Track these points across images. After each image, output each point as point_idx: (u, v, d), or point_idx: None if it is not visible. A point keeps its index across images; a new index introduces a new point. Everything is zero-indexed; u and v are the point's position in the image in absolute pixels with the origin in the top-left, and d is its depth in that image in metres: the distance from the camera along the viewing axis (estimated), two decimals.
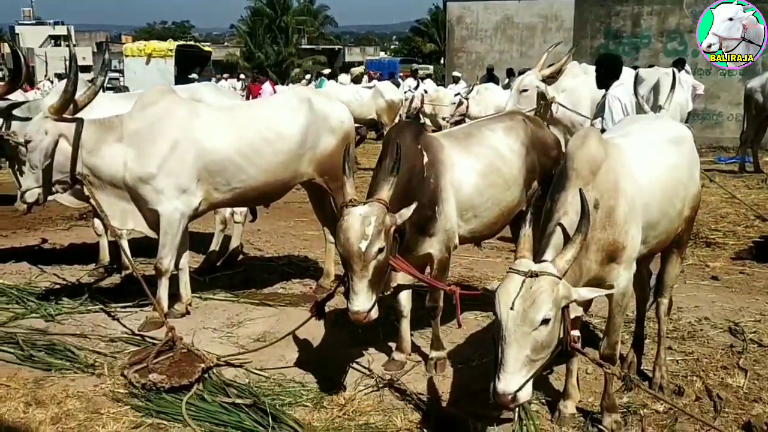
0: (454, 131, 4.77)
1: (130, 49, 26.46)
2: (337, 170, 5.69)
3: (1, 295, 5.90)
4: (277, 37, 53.14)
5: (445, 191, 4.29)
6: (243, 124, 5.34)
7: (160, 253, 5.24)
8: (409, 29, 69.36)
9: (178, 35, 70.21)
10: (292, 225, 8.68)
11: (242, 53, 54.72)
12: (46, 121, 4.93)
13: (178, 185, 5.07)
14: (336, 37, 67.06)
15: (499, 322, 3.02)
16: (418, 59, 52.18)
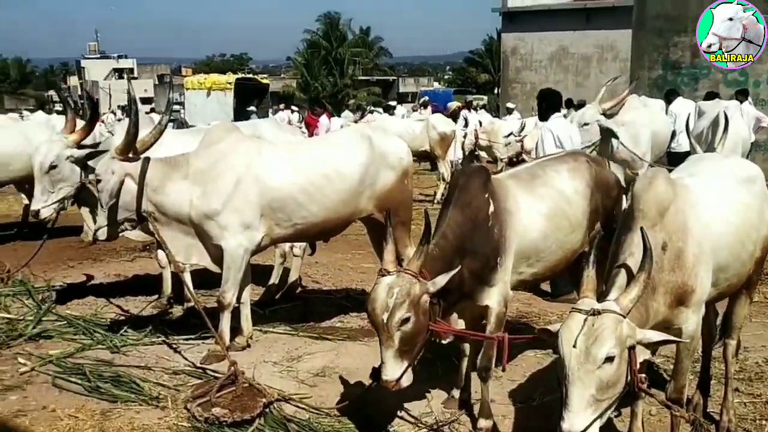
0: (520, 172, 4.68)
1: (191, 82, 27.13)
2: (396, 205, 5.76)
3: (69, 326, 6.05)
4: (332, 69, 53.86)
5: (509, 241, 4.21)
6: (305, 162, 5.42)
7: (223, 287, 5.32)
8: (462, 60, 69.57)
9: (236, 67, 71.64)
10: (349, 258, 8.73)
11: (298, 85, 55.56)
12: (113, 161, 5.09)
13: (241, 221, 5.16)
14: (390, 67, 67.63)
15: (562, 361, 2.99)
16: (472, 89, 52.26)
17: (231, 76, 27.54)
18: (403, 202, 5.85)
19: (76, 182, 5.59)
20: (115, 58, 68.25)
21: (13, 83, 72.07)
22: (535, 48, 27.76)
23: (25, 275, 7.49)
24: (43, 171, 5.40)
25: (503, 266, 4.19)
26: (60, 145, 5.42)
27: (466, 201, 4.04)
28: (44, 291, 7.04)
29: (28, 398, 4.76)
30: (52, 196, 5.45)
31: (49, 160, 5.39)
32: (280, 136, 6.44)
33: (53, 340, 5.82)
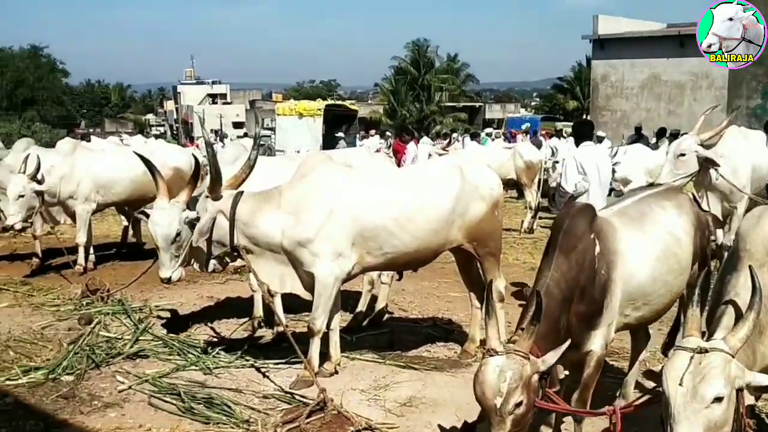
0: (627, 208, 4.48)
1: (282, 108, 27.65)
2: (485, 236, 5.74)
3: (164, 346, 6.24)
4: (419, 95, 54.19)
5: (615, 284, 4.04)
6: (397, 191, 5.47)
7: (313, 314, 5.40)
8: (550, 86, 68.90)
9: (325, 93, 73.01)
10: (436, 286, 8.70)
11: (385, 111, 56.09)
12: (206, 200, 5.27)
13: (333, 249, 5.23)
14: (477, 94, 67.51)
15: (667, 400, 2.89)
16: (560, 116, 51.63)
17: (321, 102, 27.96)
18: (492, 233, 5.82)
19: (190, 235, 5.72)
20: (210, 84, 70.55)
21: (114, 107, 75.36)
22: (626, 75, 27.27)
23: (123, 295, 7.76)
24: (169, 242, 5.53)
25: (609, 308, 4.04)
26: (176, 212, 5.52)
27: (571, 245, 3.90)
28: (141, 311, 7.28)
29: (126, 416, 4.92)
30: (177, 260, 5.60)
31: (174, 231, 5.46)
32: (372, 164, 6.52)
33: (149, 359, 6.01)
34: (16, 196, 8.22)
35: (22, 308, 7.51)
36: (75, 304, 7.52)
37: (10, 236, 11.59)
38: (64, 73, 68.05)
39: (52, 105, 62.65)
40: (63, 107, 64.88)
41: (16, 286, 8.40)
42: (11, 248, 10.80)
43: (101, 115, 71.72)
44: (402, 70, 55.32)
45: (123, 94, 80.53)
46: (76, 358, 5.86)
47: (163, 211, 5.48)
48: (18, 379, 5.48)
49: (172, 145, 12.81)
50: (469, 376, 5.65)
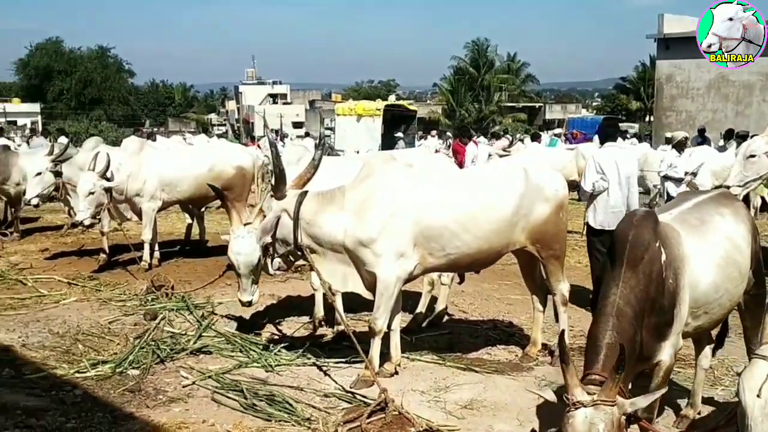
0: (685, 214, 4.37)
1: (342, 109, 27.88)
2: (550, 238, 5.66)
3: (227, 343, 6.32)
4: (478, 95, 53.93)
5: (683, 291, 3.93)
6: (459, 192, 5.44)
7: (374, 314, 5.40)
8: (613, 86, 67.76)
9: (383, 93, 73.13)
10: (496, 288, 8.63)
11: (444, 111, 56.01)
12: (271, 199, 5.32)
13: (395, 250, 5.22)
14: (537, 94, 66.84)
15: (744, 411, 2.81)
16: (622, 117, 50.71)
17: (380, 103, 28.06)
18: (557, 234, 5.74)
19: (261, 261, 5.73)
20: (270, 84, 71.31)
21: (177, 107, 76.79)
22: (692, 75, 26.55)
23: (186, 292, 7.89)
24: (251, 269, 5.52)
25: (679, 317, 3.92)
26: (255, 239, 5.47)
27: (638, 256, 3.75)
28: (204, 308, 7.39)
29: (190, 411, 5.00)
30: (255, 285, 5.66)
31: (256, 258, 5.46)
32: (435, 165, 6.50)
33: (212, 355, 6.10)
34: (86, 192, 8.43)
35: (90, 303, 7.70)
36: (140, 299, 7.68)
37: (78, 232, 11.92)
38: (130, 73, 69.83)
39: (118, 104, 64.33)
40: (128, 107, 66.52)
41: (85, 281, 8.62)
42: (79, 244, 11.08)
43: (165, 114, 73.18)
44: (461, 70, 55.17)
45: (186, 94, 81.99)
46: (142, 353, 5.98)
47: (243, 239, 5.46)
48: (87, 371, 5.61)
49: (235, 145, 12.99)
50: (531, 379, 5.62)
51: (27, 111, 55.35)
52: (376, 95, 66.91)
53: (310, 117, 61.29)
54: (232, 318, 7.16)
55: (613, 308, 3.62)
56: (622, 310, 3.63)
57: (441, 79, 59.34)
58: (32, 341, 6.37)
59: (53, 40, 64.75)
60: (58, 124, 42.27)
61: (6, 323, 6.86)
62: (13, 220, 11.72)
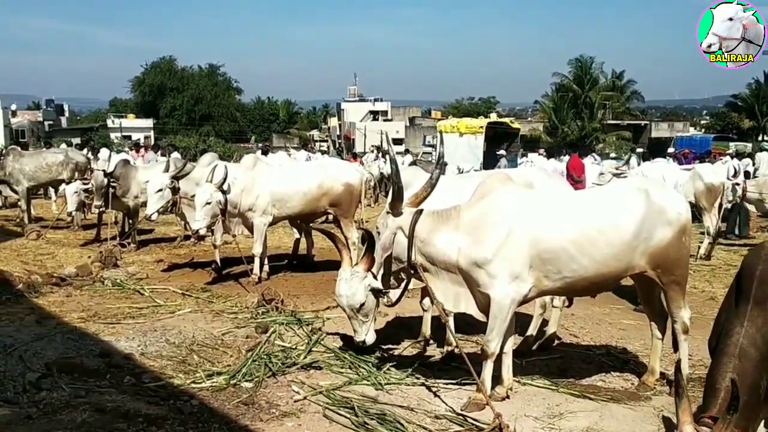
0: None
1: (444, 126, 27.87)
2: (671, 263, 5.42)
3: (337, 359, 6.34)
4: (581, 112, 52.85)
5: None
6: (577, 213, 5.29)
7: (487, 336, 5.30)
8: (723, 104, 65.12)
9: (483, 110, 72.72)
10: (608, 312, 8.35)
11: (545, 128, 55.14)
12: (386, 216, 5.34)
13: (511, 271, 5.12)
14: (642, 111, 64.89)
15: None
16: (734, 136, 48.61)
17: (483, 120, 27.93)
18: (679, 260, 5.49)
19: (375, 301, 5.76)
20: (372, 101, 72.00)
21: (281, 123, 78.61)
22: None
23: (296, 306, 7.98)
24: (354, 310, 5.63)
25: None
26: (357, 281, 5.52)
27: (767, 293, 3.50)
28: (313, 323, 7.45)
29: (302, 426, 5.01)
30: (368, 324, 5.71)
31: (357, 301, 5.51)
32: (551, 185, 6.36)
33: (322, 371, 6.12)
34: (203, 203, 8.68)
35: (203, 314, 7.90)
36: (251, 312, 7.82)
37: (190, 244, 12.33)
38: (237, 90, 72.12)
39: (226, 121, 66.56)
40: (236, 123, 68.67)
41: (198, 293, 8.85)
42: (191, 256, 11.43)
43: (270, 130, 75.05)
44: (564, 87, 54.23)
45: (290, 110, 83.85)
46: (255, 366, 6.06)
47: (345, 282, 5.51)
48: (202, 382, 5.73)
49: (343, 162, 13.13)
50: (649, 409, 5.39)
51: (141, 126, 58.11)
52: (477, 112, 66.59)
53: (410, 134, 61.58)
54: (340, 334, 7.18)
55: (736, 348, 3.40)
56: (746, 351, 3.40)
57: (542, 96, 58.51)
58: (150, 350, 6.56)
59: (167, 59, 67.74)
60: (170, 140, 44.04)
61: (126, 332, 7.10)
62: (131, 232, 12.20)
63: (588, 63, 53.99)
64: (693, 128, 67.03)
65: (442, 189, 5.78)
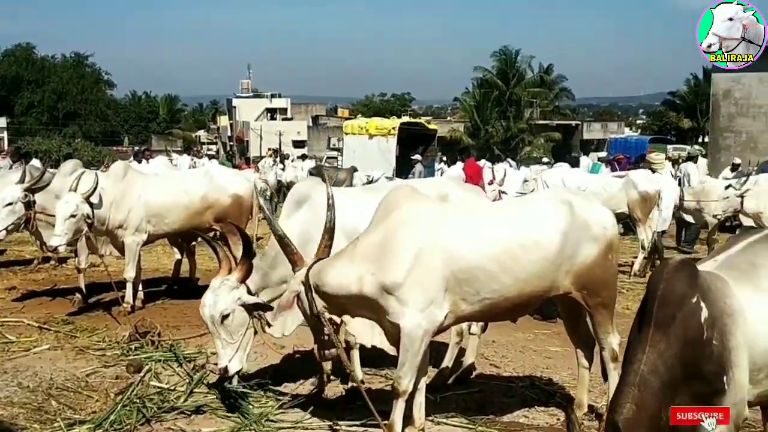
0: (733, 259, 4.24)
1: (351, 127, 27.93)
2: (598, 284, 5.60)
3: (223, 401, 6.27)
4: (506, 111, 54.00)
5: (737, 353, 3.74)
6: (497, 227, 5.42)
7: (398, 372, 5.33)
8: (660, 102, 67.86)
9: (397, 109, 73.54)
10: (532, 338, 8.56)
11: (466, 129, 56.10)
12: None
13: (424, 296, 5.18)
14: (572, 110, 66.91)
15: None
16: (671, 137, 50.68)
17: (395, 121, 28.16)
18: (606, 280, 5.67)
19: (249, 321, 5.81)
20: (268, 97, 71.73)
21: (162, 123, 77.33)
22: (753, 91, 26.51)
23: (175, 339, 7.87)
24: (217, 324, 5.65)
25: (733, 384, 3.73)
26: (226, 290, 5.63)
27: (669, 314, 3.63)
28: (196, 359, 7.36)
29: None
30: (233, 347, 5.73)
31: (220, 311, 5.59)
32: (467, 197, 6.50)
33: (206, 415, 6.05)
34: (66, 215, 8.40)
35: (65, 351, 7.69)
36: (122, 348, 7.67)
37: (50, 267, 11.98)
38: (109, 84, 70.57)
39: (96, 120, 64.94)
40: (107, 122, 67.13)
41: (59, 326, 8.61)
42: (51, 281, 11.11)
43: (148, 131, 73.76)
44: (487, 83, 55.34)
45: (172, 107, 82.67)
46: (125, 412, 5.93)
47: (212, 291, 5.64)
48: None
49: (231, 170, 13.03)
50: None
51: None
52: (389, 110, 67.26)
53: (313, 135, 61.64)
54: None
55: (636, 377, 3.54)
56: (646, 379, 3.54)
57: (463, 92, 59.59)
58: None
59: (23, 46, 65.64)
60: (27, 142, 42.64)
61: None
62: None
63: (513, 56, 55.33)
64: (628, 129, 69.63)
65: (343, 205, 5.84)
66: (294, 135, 60.98)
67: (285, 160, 28.33)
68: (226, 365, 5.71)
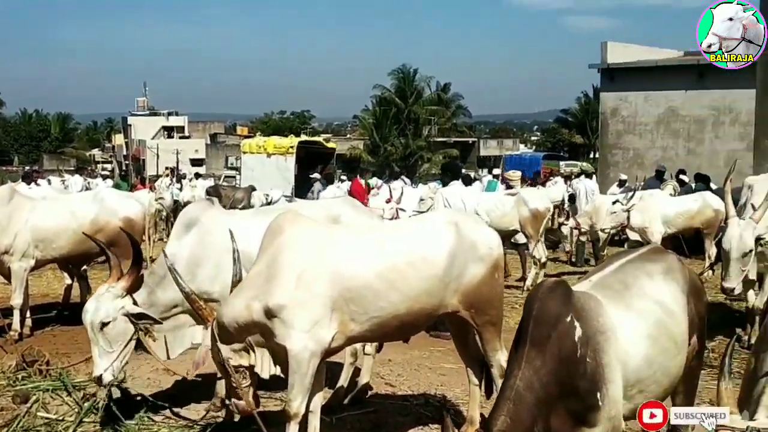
0: (607, 279, 4.41)
1: (249, 146, 27.79)
2: (485, 303, 5.74)
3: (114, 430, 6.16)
4: (405, 129, 54.53)
5: (610, 369, 3.89)
6: (384, 246, 5.51)
7: (289, 395, 5.34)
8: (553, 119, 69.76)
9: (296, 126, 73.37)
10: (427, 356, 8.68)
11: (366, 146, 56.41)
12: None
13: (309, 317, 5.21)
14: (469, 127, 68.11)
15: None
16: (565, 154, 52.17)
17: (293, 139, 28.09)
18: (492, 299, 5.81)
19: (132, 332, 5.77)
20: (165, 116, 70.65)
21: (53, 141, 75.20)
22: (639, 109, 27.57)
23: (65, 367, 7.67)
24: (96, 331, 5.60)
25: (607, 400, 3.87)
26: (109, 298, 5.61)
27: (544, 333, 3.75)
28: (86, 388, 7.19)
29: None
30: (111, 357, 5.68)
31: (100, 318, 5.56)
32: (359, 218, 6.58)
33: None
34: None
35: None
36: (9, 378, 7.41)
37: None
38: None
39: None
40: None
41: None
42: None
43: (39, 150, 71.56)
44: (385, 101, 55.74)
45: (64, 125, 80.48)
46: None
47: (96, 297, 5.66)
48: None
49: (123, 192, 12.78)
50: None
51: None
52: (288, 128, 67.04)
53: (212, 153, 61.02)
54: (120, 399, 6.97)
55: (512, 392, 3.64)
56: (521, 394, 3.63)
57: (362, 110, 59.90)
58: None
59: None
60: None
61: None
62: None
63: (411, 74, 55.96)
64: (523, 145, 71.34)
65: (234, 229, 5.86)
66: (192, 153, 60.21)
67: (182, 180, 27.88)
68: (101, 374, 5.66)
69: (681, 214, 13.63)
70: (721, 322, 10.05)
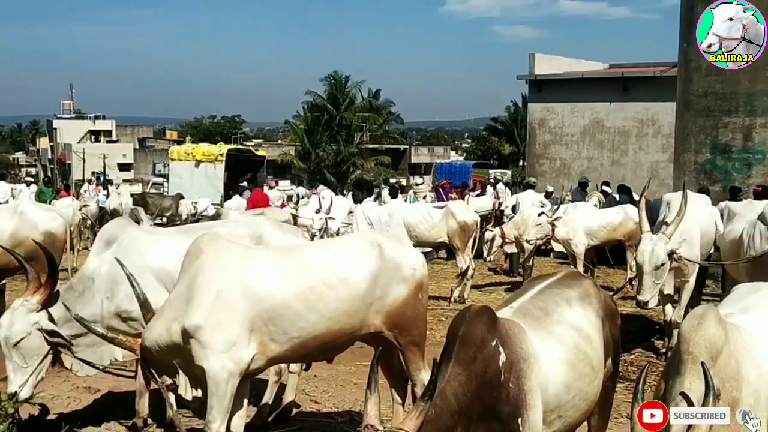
0: (529, 305, 4.48)
1: (177, 152, 27.34)
2: (408, 323, 5.79)
3: None
4: (336, 135, 54.46)
5: (531, 395, 3.97)
6: (304, 267, 5.50)
7: (207, 416, 5.28)
8: (483, 127, 70.45)
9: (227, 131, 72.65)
10: (353, 371, 8.67)
11: (297, 152, 56.12)
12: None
13: (225, 338, 5.18)
14: (401, 134, 68.29)
15: None
16: (494, 162, 52.70)
17: (223, 147, 27.73)
18: (416, 319, 5.85)
19: (47, 348, 5.67)
20: (92, 119, 69.44)
21: None
22: (565, 120, 28.13)
23: None
24: (10, 346, 5.49)
25: (527, 427, 3.93)
26: (23, 312, 5.52)
27: (470, 355, 3.81)
28: None
29: None
30: (26, 372, 5.56)
31: (15, 334, 5.47)
32: (282, 237, 6.57)
33: None
34: None
35: None
36: None
37: None
38: None
39: None
40: None
41: None
42: None
43: None
44: (317, 107, 55.54)
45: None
46: None
47: (9, 311, 5.58)
48: None
49: (43, 206, 12.46)
50: None
51: None
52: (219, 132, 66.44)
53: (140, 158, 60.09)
54: (36, 419, 6.83)
55: (438, 393, 3.62)
56: (446, 396, 3.66)
57: (294, 116, 59.62)
58: None
59: None
60: None
61: None
62: None
63: (343, 81, 55.93)
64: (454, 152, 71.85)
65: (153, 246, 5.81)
66: (119, 158, 59.31)
67: (108, 186, 27.29)
68: (17, 390, 5.56)
69: (604, 227, 13.93)
70: (640, 335, 10.31)
